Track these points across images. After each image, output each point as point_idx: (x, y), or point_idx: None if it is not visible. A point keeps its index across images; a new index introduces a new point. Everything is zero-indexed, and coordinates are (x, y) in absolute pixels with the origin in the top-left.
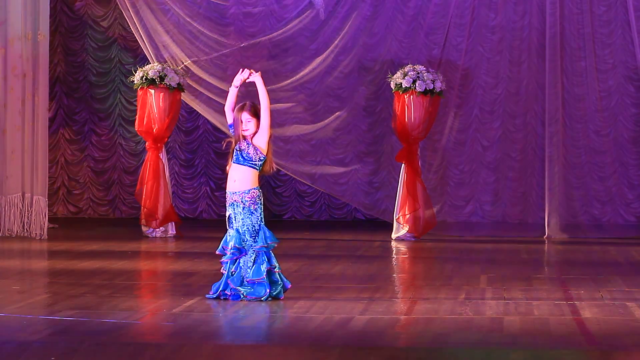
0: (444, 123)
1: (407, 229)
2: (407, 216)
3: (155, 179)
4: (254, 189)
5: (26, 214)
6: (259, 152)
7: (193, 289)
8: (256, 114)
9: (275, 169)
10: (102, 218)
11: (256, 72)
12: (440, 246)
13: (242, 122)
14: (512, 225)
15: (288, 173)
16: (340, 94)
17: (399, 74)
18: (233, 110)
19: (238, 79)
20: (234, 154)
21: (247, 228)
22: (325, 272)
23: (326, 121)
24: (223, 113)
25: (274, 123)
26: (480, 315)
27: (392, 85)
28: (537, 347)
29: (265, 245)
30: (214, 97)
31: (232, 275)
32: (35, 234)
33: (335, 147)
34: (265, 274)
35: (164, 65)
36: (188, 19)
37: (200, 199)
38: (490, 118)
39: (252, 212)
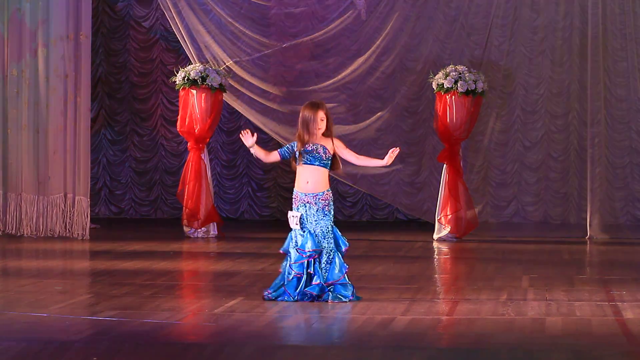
0: (486, 123)
1: (448, 229)
2: (449, 217)
3: (197, 179)
4: (327, 190)
5: (68, 215)
6: (327, 152)
7: (235, 290)
8: (327, 114)
9: (341, 172)
10: (143, 218)
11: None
12: (482, 247)
13: (318, 120)
14: (553, 225)
15: (329, 173)
16: (382, 94)
17: (440, 74)
18: (271, 153)
19: (248, 140)
20: (302, 157)
21: (322, 230)
22: (367, 273)
23: (368, 122)
24: (264, 113)
25: None
26: (522, 316)
27: (434, 86)
28: (579, 348)
29: (341, 247)
30: (255, 98)
31: (310, 276)
32: (78, 234)
33: (377, 147)
34: (344, 274)
35: (206, 66)
36: (230, 20)
37: (242, 199)
38: (532, 119)
39: (325, 214)
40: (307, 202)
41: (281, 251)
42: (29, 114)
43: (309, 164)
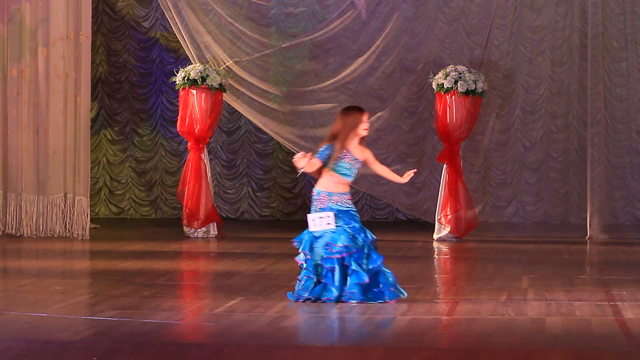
0: (486, 123)
1: (448, 229)
2: (449, 217)
3: (197, 179)
4: (350, 192)
5: (68, 215)
6: (356, 164)
7: (234, 290)
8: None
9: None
10: (143, 218)
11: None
12: (482, 247)
13: (365, 123)
14: (553, 225)
15: None
16: (382, 94)
17: (440, 74)
18: (314, 164)
19: (302, 162)
20: (335, 162)
21: (354, 226)
22: None
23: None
24: (264, 113)
25: (316, 123)
26: (522, 316)
27: (434, 86)
28: (579, 348)
29: (372, 241)
30: (255, 98)
31: (346, 276)
32: (77, 234)
33: (376, 147)
34: (380, 262)
35: (206, 66)
36: (230, 20)
37: (242, 199)
38: (532, 119)
39: (353, 213)
40: (337, 201)
41: (293, 243)
42: (29, 113)
43: (341, 174)
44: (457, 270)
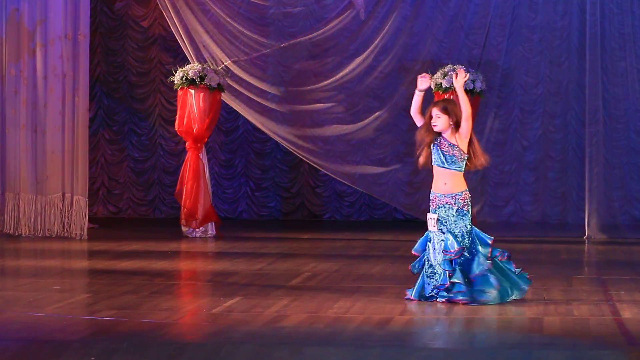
0: (484, 123)
1: None
2: None
3: (195, 179)
4: (466, 190)
5: (66, 214)
6: (463, 153)
7: (233, 289)
8: (446, 110)
9: (488, 162)
10: (142, 218)
11: (295, 73)
12: None
13: (432, 116)
14: (552, 225)
15: (328, 173)
16: (380, 94)
17: (439, 74)
18: (420, 113)
19: (423, 83)
20: (433, 154)
21: (460, 230)
22: (365, 273)
23: (366, 121)
24: (263, 113)
25: (314, 123)
26: (520, 316)
27: (432, 85)
28: (577, 347)
29: (487, 243)
30: (254, 97)
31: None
32: (76, 234)
33: (375, 147)
34: (487, 268)
35: (204, 66)
36: (228, 19)
37: (240, 199)
38: (530, 118)
39: (465, 214)
40: (447, 202)
41: (413, 252)
42: (27, 113)
43: (443, 167)
44: None
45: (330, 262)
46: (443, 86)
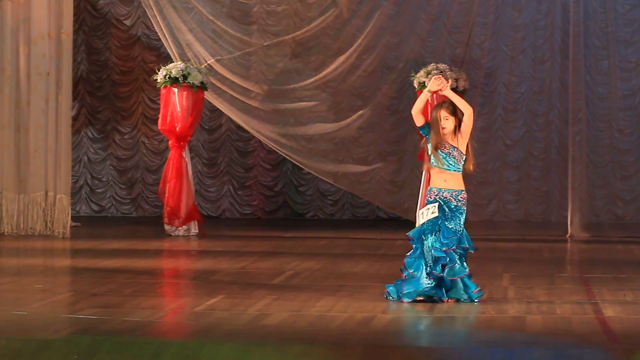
0: None
1: None
2: None
3: (178, 177)
4: (465, 191)
5: (49, 213)
6: (462, 154)
7: (215, 288)
8: (454, 112)
9: (474, 169)
10: (124, 216)
11: (278, 71)
12: None
13: (440, 119)
14: (534, 224)
15: (311, 172)
16: (363, 92)
17: (422, 72)
18: (422, 114)
19: (435, 85)
20: (439, 160)
21: (455, 226)
22: (348, 271)
23: (349, 120)
24: (246, 111)
25: (297, 122)
26: (502, 314)
27: (415, 84)
28: (559, 346)
29: (466, 247)
30: (237, 96)
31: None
32: (58, 232)
33: (358, 145)
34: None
35: (187, 64)
36: (211, 18)
37: (223, 197)
38: (513, 117)
39: (461, 213)
40: (446, 197)
41: (408, 235)
42: (10, 112)
43: (447, 169)
44: None
45: (313, 260)
46: (426, 85)
